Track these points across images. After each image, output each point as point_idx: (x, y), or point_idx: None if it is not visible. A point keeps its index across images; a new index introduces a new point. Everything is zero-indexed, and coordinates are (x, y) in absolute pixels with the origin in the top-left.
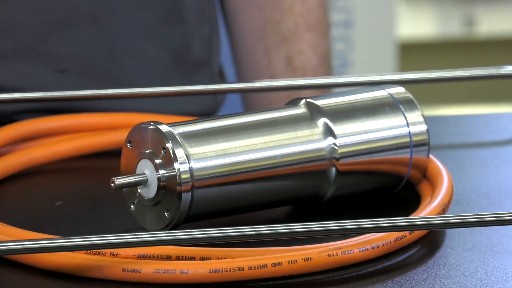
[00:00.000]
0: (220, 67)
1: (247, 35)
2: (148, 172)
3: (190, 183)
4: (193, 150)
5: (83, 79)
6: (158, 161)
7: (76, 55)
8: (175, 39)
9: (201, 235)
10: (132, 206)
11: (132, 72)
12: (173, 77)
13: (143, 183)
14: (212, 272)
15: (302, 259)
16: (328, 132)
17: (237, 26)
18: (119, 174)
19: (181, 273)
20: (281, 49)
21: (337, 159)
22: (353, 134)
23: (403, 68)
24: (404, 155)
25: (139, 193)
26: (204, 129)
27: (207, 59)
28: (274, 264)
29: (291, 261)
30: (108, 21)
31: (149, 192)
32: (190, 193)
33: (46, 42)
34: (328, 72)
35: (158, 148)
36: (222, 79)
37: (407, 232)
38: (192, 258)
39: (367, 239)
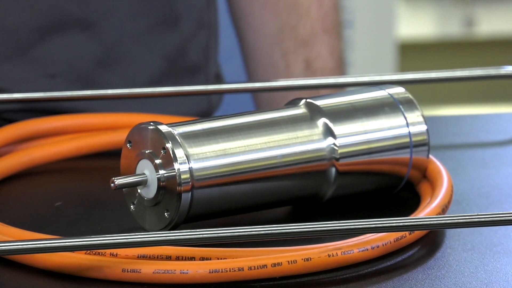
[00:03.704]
0: (218, 70)
1: (262, 38)
2: (148, 172)
3: (190, 183)
4: (193, 150)
5: (72, 85)
6: (158, 161)
7: (66, 61)
8: (171, 45)
9: (201, 235)
10: (132, 206)
11: (124, 78)
12: (167, 83)
13: (143, 183)
14: (212, 272)
15: (302, 259)
16: (328, 132)
17: (250, 29)
18: (119, 174)
19: (181, 273)
20: (299, 53)
21: (337, 159)
22: (353, 134)
23: (403, 68)
24: (404, 155)
25: (139, 193)
26: (204, 129)
27: (204, 64)
28: (274, 264)
29: (291, 261)
30: (100, 28)
31: (149, 192)
32: (190, 193)
33: (36, 46)
34: (343, 74)
35: (158, 148)
36: (218, 82)
37: (407, 232)
38: (192, 258)
39: (367, 239)
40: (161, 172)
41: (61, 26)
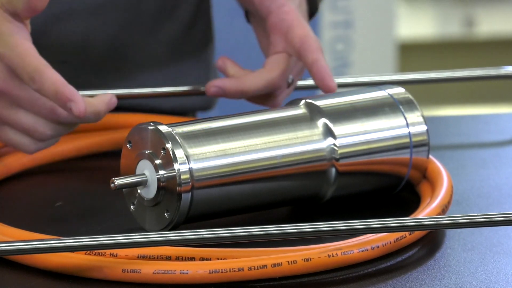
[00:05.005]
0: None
1: None
2: (148, 172)
3: (190, 183)
4: (193, 150)
5: (83, 70)
6: (157, 161)
7: (76, 46)
8: (171, 33)
9: (201, 236)
10: (132, 206)
11: (132, 63)
12: (171, 67)
13: (143, 183)
14: (212, 272)
15: (302, 259)
16: (328, 132)
17: None
18: (119, 174)
19: (181, 273)
20: None
21: (337, 160)
22: (353, 134)
23: (403, 69)
24: (404, 155)
25: (139, 193)
26: (203, 130)
27: (204, 51)
28: (274, 265)
29: (291, 261)
30: (108, 14)
31: (149, 192)
32: (190, 193)
33: (47, 33)
34: None
35: (158, 148)
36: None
37: (407, 233)
38: (192, 259)
39: (367, 239)
40: (161, 172)
41: (70, 12)
